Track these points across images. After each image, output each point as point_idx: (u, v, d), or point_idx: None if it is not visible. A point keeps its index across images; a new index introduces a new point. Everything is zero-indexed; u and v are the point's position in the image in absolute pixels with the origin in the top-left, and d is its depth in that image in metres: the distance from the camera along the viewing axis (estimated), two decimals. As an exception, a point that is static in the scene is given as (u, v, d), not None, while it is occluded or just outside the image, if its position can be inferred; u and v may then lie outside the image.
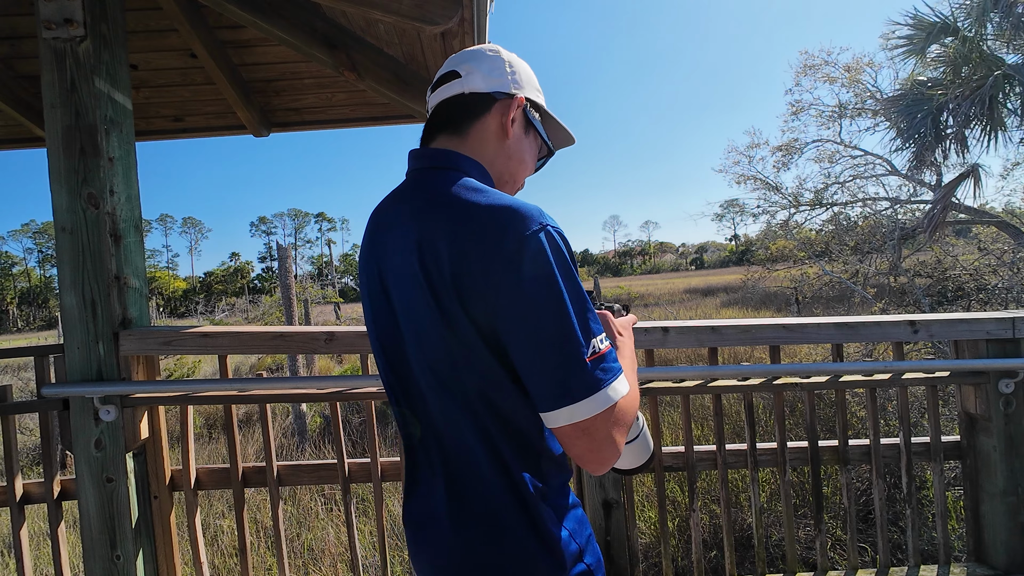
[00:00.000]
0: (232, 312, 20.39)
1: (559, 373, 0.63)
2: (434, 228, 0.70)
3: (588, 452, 0.65)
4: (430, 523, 0.77)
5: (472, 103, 0.82)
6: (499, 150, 0.84)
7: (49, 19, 1.52)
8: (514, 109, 0.83)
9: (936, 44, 6.97)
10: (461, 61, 0.84)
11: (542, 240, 0.65)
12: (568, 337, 0.63)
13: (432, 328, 0.70)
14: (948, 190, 6.93)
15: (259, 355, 9.40)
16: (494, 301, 0.66)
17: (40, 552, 4.04)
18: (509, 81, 0.84)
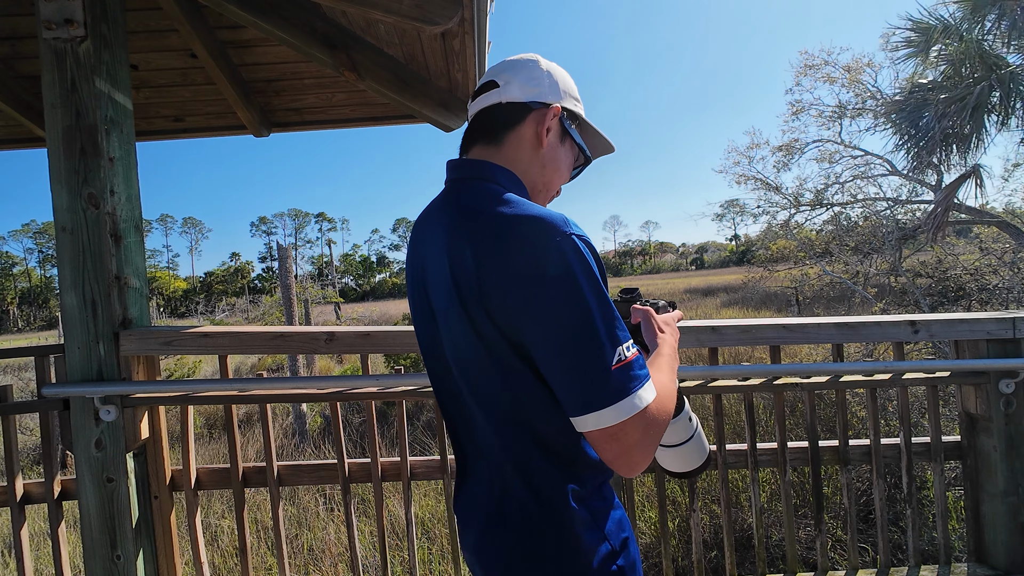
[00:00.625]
0: (232, 312, 20.40)
1: (584, 380, 0.64)
2: (463, 240, 0.72)
3: (618, 456, 0.66)
4: (472, 519, 0.81)
5: (508, 113, 0.84)
6: (533, 159, 0.85)
7: (49, 19, 1.52)
8: (550, 119, 0.84)
9: (936, 46, 6.97)
10: (500, 71, 0.86)
11: (566, 248, 0.66)
12: (593, 345, 0.64)
13: (464, 336, 0.73)
14: (950, 191, 6.93)
15: (259, 355, 9.41)
16: (520, 310, 0.67)
17: (40, 552, 4.04)
18: (546, 90, 0.85)
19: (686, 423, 0.92)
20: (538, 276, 0.65)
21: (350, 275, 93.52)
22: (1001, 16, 6.41)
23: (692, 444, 0.92)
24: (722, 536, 2.23)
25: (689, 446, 0.92)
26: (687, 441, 0.91)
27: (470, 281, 0.70)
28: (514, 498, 0.75)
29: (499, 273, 0.68)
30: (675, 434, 0.92)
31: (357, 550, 1.77)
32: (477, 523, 0.79)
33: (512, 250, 0.67)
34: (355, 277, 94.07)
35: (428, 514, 4.22)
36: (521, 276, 0.66)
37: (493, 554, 0.76)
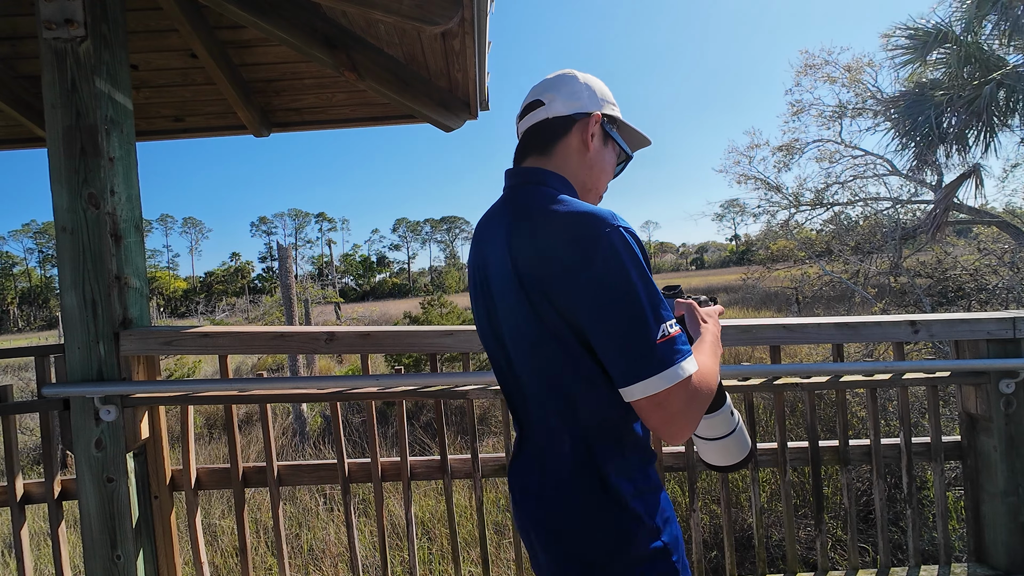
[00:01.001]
0: (232, 312, 20.39)
1: (633, 353, 0.72)
2: (523, 236, 0.82)
3: (663, 423, 0.73)
4: (526, 492, 0.89)
5: (556, 126, 0.94)
6: (581, 163, 0.94)
7: (50, 19, 1.52)
8: (593, 126, 0.94)
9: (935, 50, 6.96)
10: (544, 90, 0.96)
11: (614, 239, 0.75)
12: (640, 322, 0.72)
13: (525, 322, 0.82)
14: (950, 190, 6.93)
15: (259, 355, 9.40)
16: (576, 295, 0.76)
17: (41, 552, 4.04)
18: (586, 102, 0.94)
19: (728, 417, 0.96)
20: (590, 263, 0.74)
21: (350, 275, 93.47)
22: (1002, 16, 6.40)
23: (734, 438, 0.96)
24: (722, 536, 2.23)
25: (730, 440, 0.96)
26: (729, 435, 0.96)
27: (531, 273, 0.79)
28: (566, 470, 0.83)
29: (556, 263, 0.77)
30: (717, 428, 0.97)
31: (357, 550, 1.77)
32: (532, 491, 0.87)
33: (567, 242, 0.76)
34: (355, 277, 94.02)
35: (428, 514, 4.22)
36: (576, 264, 0.75)
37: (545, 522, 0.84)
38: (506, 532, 3.84)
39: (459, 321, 9.86)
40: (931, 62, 7.20)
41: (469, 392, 1.67)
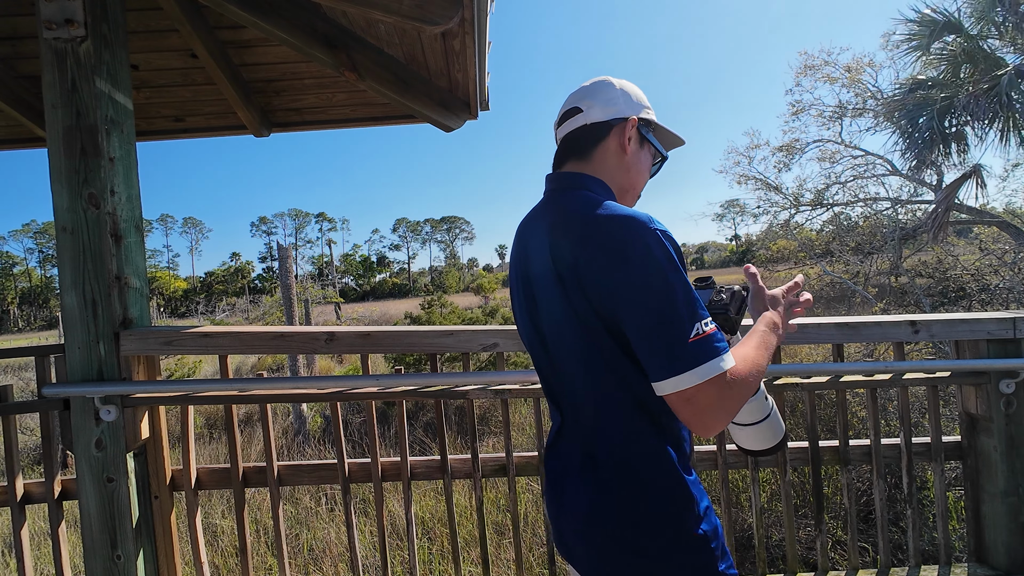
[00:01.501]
0: (233, 312, 20.40)
1: (666, 349, 0.75)
2: (563, 238, 0.85)
3: (692, 417, 0.76)
4: (566, 477, 0.92)
5: (594, 131, 0.97)
6: (619, 166, 0.98)
7: (50, 19, 1.52)
8: (629, 130, 0.97)
9: (939, 41, 6.94)
10: (581, 98, 0.99)
11: (650, 241, 0.78)
12: (675, 320, 0.75)
13: (565, 318, 0.86)
14: (951, 191, 6.92)
15: (259, 355, 9.40)
16: (614, 293, 0.79)
17: (41, 552, 4.04)
18: (623, 107, 0.98)
19: (762, 402, 0.99)
20: (628, 264, 0.78)
21: (350, 275, 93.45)
22: (1009, 12, 6.38)
23: (767, 423, 0.99)
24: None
25: (764, 425, 0.98)
26: (763, 420, 0.98)
27: (570, 270, 0.83)
28: (604, 459, 0.87)
29: (595, 262, 0.80)
30: (751, 413, 0.99)
31: (357, 550, 1.77)
32: (573, 485, 0.90)
33: (606, 244, 0.80)
34: (355, 277, 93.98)
35: (428, 514, 4.22)
36: (614, 264, 0.79)
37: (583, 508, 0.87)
38: (506, 532, 3.84)
39: (460, 321, 9.86)
40: (932, 60, 7.19)
41: (469, 392, 1.67)
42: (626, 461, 0.86)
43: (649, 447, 0.85)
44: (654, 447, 0.85)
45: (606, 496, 0.86)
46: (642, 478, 0.85)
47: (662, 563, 0.83)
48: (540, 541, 3.67)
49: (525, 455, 1.81)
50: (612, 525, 0.85)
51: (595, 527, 0.86)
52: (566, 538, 0.92)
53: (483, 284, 28.88)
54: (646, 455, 0.85)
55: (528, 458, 1.80)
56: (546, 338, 0.94)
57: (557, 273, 0.86)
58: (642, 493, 0.84)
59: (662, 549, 0.83)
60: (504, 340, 1.69)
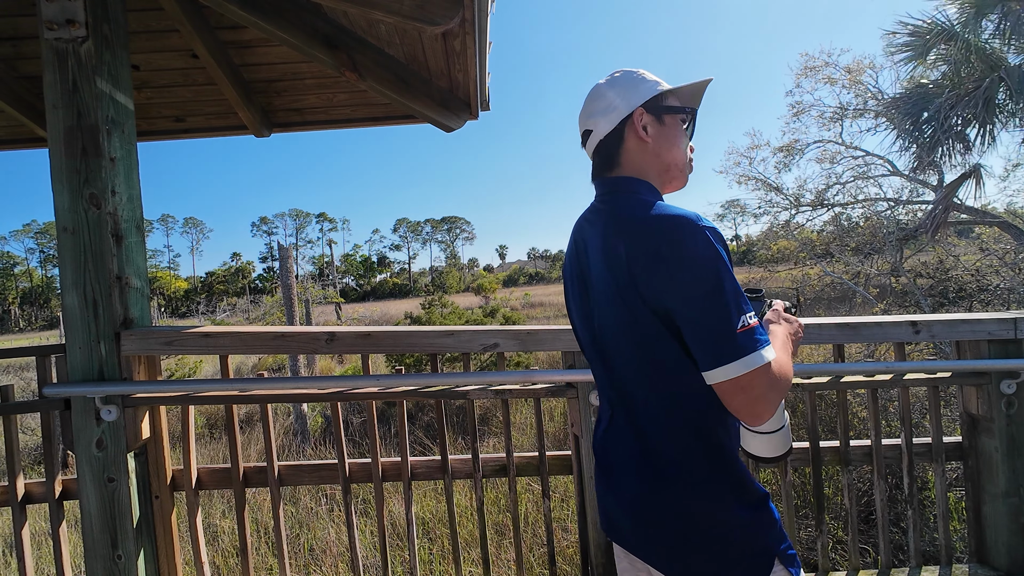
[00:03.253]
0: (233, 312, 20.40)
1: (716, 340, 0.80)
2: (617, 240, 0.89)
3: (744, 405, 0.80)
4: (620, 467, 0.97)
5: (610, 142, 1.01)
6: (647, 155, 1.00)
7: (51, 20, 1.53)
8: (638, 122, 0.99)
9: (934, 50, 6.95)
10: (586, 119, 1.04)
11: (700, 239, 0.82)
12: (723, 312, 0.80)
13: (619, 317, 0.90)
14: (950, 190, 6.92)
15: (260, 355, 9.40)
16: (666, 289, 0.83)
17: (42, 551, 4.05)
18: (621, 107, 1.00)
19: (782, 414, 1.05)
20: (679, 261, 0.82)
21: (351, 275, 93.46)
22: (1004, 16, 6.39)
23: (781, 433, 1.04)
24: (723, 537, 2.22)
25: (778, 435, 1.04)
26: (778, 431, 1.04)
27: (624, 270, 0.87)
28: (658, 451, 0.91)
29: (648, 261, 0.84)
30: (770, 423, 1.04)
31: (358, 550, 1.77)
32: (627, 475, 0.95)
33: (658, 243, 0.84)
34: (356, 277, 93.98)
35: (429, 514, 4.22)
36: (666, 262, 0.82)
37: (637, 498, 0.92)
38: (506, 532, 3.84)
39: (460, 321, 9.86)
40: (931, 61, 7.19)
41: (470, 392, 1.67)
42: (680, 453, 0.89)
43: (702, 439, 0.89)
44: (707, 439, 0.89)
45: (660, 487, 0.89)
46: (695, 470, 0.88)
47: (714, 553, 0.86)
48: (540, 541, 3.67)
49: (526, 455, 1.81)
50: (667, 516, 0.89)
51: (650, 517, 0.90)
52: (618, 524, 0.97)
53: (483, 284, 28.89)
54: (699, 448, 0.89)
55: (529, 458, 1.80)
56: (600, 335, 0.98)
57: (612, 274, 0.90)
58: (696, 484, 0.88)
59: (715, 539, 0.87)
60: (504, 340, 1.69)
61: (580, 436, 1.70)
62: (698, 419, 0.89)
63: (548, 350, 1.70)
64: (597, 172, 1.05)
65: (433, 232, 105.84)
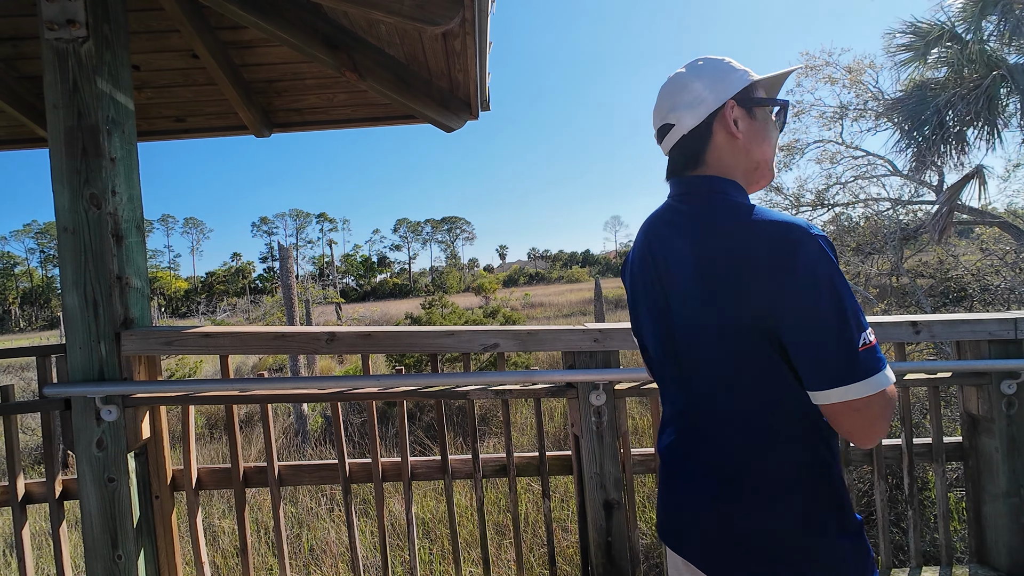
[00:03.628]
0: (233, 312, 20.41)
1: (836, 358, 0.73)
2: (712, 245, 0.82)
3: (859, 428, 0.75)
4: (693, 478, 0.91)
5: (695, 138, 0.92)
6: (736, 152, 0.92)
7: (52, 20, 1.53)
8: (729, 115, 0.90)
9: (937, 48, 6.96)
10: (668, 111, 0.93)
11: (814, 247, 0.75)
12: (845, 328, 0.73)
13: (709, 327, 0.84)
14: (953, 192, 6.91)
15: (260, 355, 9.40)
16: (777, 301, 0.76)
17: (42, 551, 4.05)
18: (710, 99, 0.90)
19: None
20: (794, 272, 0.75)
21: (351, 275, 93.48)
22: (1004, 17, 6.40)
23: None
24: (723, 537, 2.22)
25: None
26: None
27: (723, 280, 0.80)
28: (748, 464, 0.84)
29: (757, 271, 0.77)
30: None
31: (358, 550, 1.77)
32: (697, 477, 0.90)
33: (769, 252, 0.77)
34: (356, 277, 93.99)
35: (429, 514, 4.22)
36: (779, 272, 0.75)
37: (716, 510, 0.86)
38: (507, 532, 3.84)
39: (460, 321, 9.86)
40: (932, 62, 7.19)
41: (470, 392, 1.67)
42: (778, 470, 0.82)
43: (805, 457, 0.82)
44: (811, 457, 0.82)
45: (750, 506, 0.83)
46: (794, 489, 0.81)
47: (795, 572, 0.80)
48: (540, 541, 3.67)
49: (526, 455, 1.81)
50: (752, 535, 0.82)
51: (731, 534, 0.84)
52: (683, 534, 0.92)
53: (484, 284, 28.91)
54: (800, 466, 0.82)
55: (529, 458, 1.80)
56: (679, 343, 0.91)
57: (704, 281, 0.83)
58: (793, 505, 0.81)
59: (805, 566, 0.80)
60: (504, 340, 1.69)
61: (580, 436, 1.70)
62: (802, 435, 0.82)
63: (548, 350, 1.70)
64: (677, 170, 0.95)
65: (433, 232, 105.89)
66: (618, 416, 1.69)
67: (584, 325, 1.69)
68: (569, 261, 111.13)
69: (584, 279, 76.47)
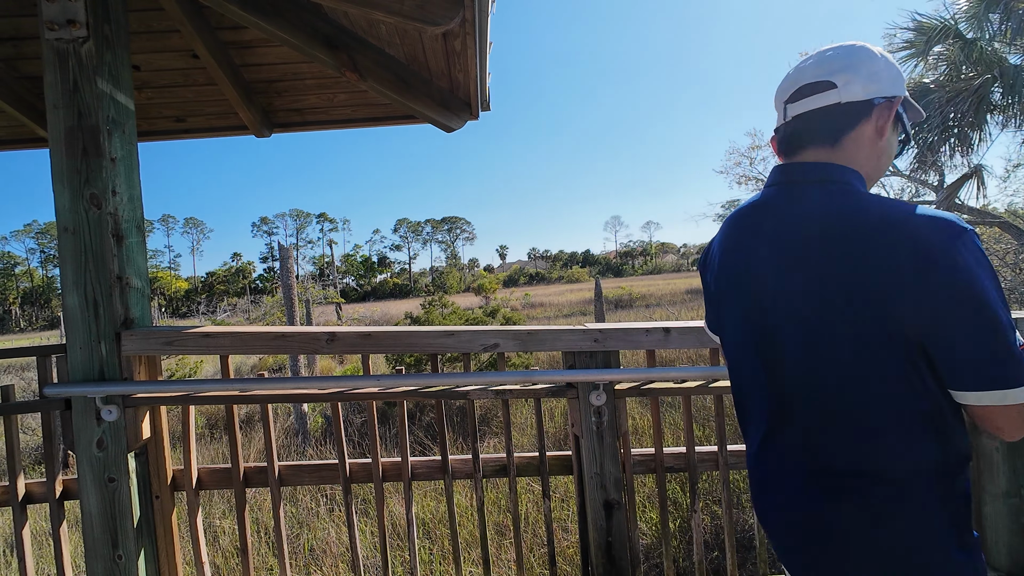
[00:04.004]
0: (234, 312, 20.41)
1: (994, 360, 0.70)
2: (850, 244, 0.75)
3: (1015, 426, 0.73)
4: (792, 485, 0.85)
5: (851, 112, 0.83)
6: (871, 152, 0.85)
7: (52, 20, 1.53)
8: (888, 112, 0.83)
9: (938, 46, 6.97)
10: (835, 70, 0.83)
11: (968, 244, 0.71)
12: (1001, 329, 0.70)
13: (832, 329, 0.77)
14: (951, 191, 6.93)
15: (260, 355, 9.41)
16: (927, 301, 0.71)
17: (42, 551, 4.05)
18: (886, 84, 0.83)
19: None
20: (949, 271, 0.70)
21: (351, 275, 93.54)
22: (1006, 16, 6.40)
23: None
24: (723, 537, 2.23)
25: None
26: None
27: (859, 280, 0.74)
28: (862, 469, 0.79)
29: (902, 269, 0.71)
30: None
31: (358, 550, 1.77)
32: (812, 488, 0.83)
33: (919, 249, 0.71)
34: (356, 277, 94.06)
35: (429, 514, 4.22)
36: (931, 271, 0.70)
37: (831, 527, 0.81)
38: (507, 532, 3.84)
39: (461, 321, 9.87)
40: (932, 62, 7.20)
41: (470, 392, 1.67)
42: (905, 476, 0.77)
43: (926, 461, 0.77)
44: (932, 461, 0.77)
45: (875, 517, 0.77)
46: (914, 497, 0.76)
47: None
48: (540, 541, 3.67)
49: (526, 455, 1.81)
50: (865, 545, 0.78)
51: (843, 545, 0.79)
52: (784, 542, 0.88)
53: (484, 284, 28.92)
54: (926, 473, 0.76)
55: (529, 458, 1.80)
56: (788, 348, 0.83)
57: (831, 283, 0.76)
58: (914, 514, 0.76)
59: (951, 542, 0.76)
60: (504, 340, 1.69)
61: (580, 436, 1.70)
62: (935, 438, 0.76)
63: (548, 350, 1.70)
64: (796, 143, 0.87)
65: (433, 232, 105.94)
66: (618, 416, 1.69)
67: (584, 325, 1.69)
68: (569, 261, 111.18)
69: (584, 279, 76.50)
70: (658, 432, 1.75)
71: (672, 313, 16.53)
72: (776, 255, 0.83)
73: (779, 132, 0.91)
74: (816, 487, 0.82)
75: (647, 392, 1.70)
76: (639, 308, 21.52)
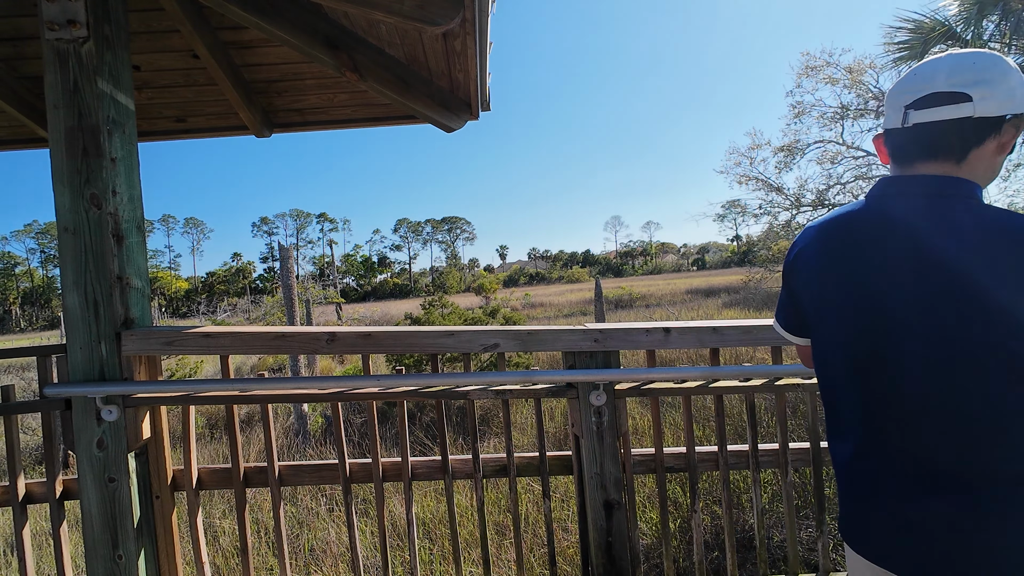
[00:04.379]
0: (234, 312, 20.42)
1: None
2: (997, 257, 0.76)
3: None
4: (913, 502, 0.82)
5: (982, 128, 0.82)
6: (989, 166, 0.85)
7: (52, 20, 1.53)
8: (1015, 130, 0.83)
9: (936, 47, 6.97)
10: (973, 82, 0.82)
11: None
12: None
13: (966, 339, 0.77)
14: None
15: (261, 355, 9.41)
16: None
17: (43, 551, 4.05)
18: (1020, 101, 0.82)
19: None
20: None
21: (351, 275, 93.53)
22: (1004, 16, 6.41)
23: None
24: (723, 537, 2.23)
25: None
26: None
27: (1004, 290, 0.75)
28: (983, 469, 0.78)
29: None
30: None
31: (358, 550, 1.77)
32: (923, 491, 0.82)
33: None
34: (356, 277, 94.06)
35: (429, 514, 4.22)
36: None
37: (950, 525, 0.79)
38: (507, 532, 3.84)
39: (461, 322, 9.87)
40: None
41: (470, 392, 1.67)
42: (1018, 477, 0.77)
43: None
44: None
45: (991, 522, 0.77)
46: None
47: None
48: (540, 541, 3.67)
49: (526, 455, 1.81)
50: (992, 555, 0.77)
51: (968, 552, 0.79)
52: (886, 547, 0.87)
53: (484, 284, 28.93)
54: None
55: (529, 458, 1.80)
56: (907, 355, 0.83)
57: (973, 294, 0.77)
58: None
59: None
60: (505, 340, 1.69)
61: (580, 436, 1.70)
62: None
63: (548, 350, 1.70)
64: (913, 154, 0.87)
65: (434, 232, 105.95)
66: (618, 416, 1.69)
67: (584, 325, 1.70)
68: (569, 261, 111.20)
69: (584, 279, 76.50)
70: (658, 432, 1.75)
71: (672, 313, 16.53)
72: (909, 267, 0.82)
73: (894, 136, 0.90)
74: (932, 488, 0.81)
75: (647, 392, 1.70)
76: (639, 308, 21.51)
